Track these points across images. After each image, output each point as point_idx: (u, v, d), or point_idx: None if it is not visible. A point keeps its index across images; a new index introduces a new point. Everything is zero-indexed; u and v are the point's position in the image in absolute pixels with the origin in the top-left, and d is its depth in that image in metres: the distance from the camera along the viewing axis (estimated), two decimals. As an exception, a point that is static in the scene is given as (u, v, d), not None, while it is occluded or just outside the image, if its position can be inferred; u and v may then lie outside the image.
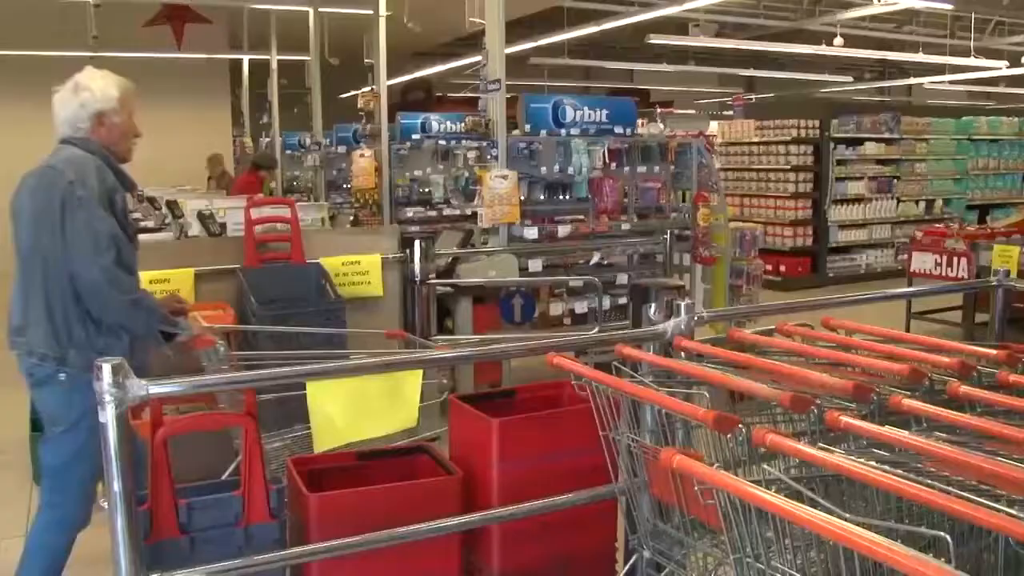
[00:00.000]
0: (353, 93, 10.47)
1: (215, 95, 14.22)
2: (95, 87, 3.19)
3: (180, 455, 2.57)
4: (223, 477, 3.00)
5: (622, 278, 6.61)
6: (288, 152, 13.39)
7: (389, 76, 8.94)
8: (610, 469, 2.42)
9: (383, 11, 8.61)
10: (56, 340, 3.02)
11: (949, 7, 12.46)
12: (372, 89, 8.74)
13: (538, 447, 2.79)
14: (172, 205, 5.78)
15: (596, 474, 2.51)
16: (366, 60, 9.07)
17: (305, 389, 2.47)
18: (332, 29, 10.99)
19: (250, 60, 14.17)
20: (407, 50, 15.85)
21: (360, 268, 4.93)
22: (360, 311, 4.82)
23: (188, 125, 13.08)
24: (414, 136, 9.65)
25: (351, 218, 8.47)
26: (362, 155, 8.68)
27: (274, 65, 12.79)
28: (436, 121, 9.94)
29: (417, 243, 5.05)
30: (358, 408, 2.55)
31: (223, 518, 2.50)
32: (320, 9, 10.48)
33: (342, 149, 10.92)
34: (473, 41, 7.41)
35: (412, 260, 5.03)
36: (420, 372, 2.58)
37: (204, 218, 5.11)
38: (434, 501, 2.62)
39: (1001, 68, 17.16)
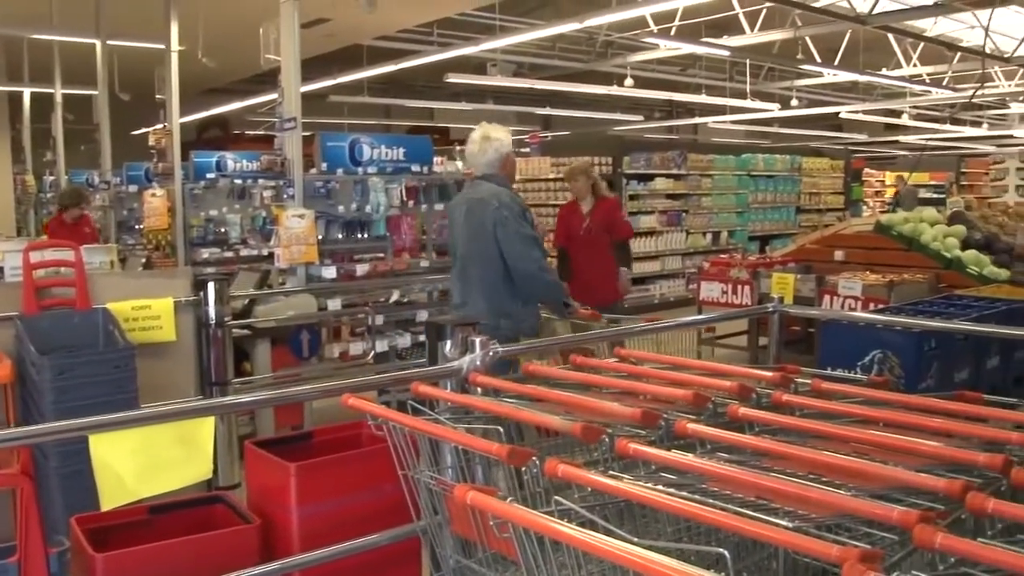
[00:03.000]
0: (145, 130, 10.09)
1: (-8, 129, 13.36)
2: (500, 136, 4.61)
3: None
4: None
5: (422, 315, 6.63)
6: (75, 191, 12.70)
7: (183, 113, 8.68)
8: (411, 508, 2.42)
9: (175, 46, 8.36)
10: (492, 311, 4.38)
11: (726, 53, 13.27)
12: (164, 126, 8.46)
13: (338, 490, 2.75)
14: (-59, 249, 5.37)
15: (399, 513, 2.49)
16: (158, 96, 8.76)
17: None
18: (122, 63, 10.56)
19: (32, 93, 13.40)
20: (202, 86, 15.44)
21: (151, 313, 4.72)
22: (152, 357, 4.61)
23: (-39, 161, 12.25)
24: (209, 175, 9.39)
25: (143, 260, 8.14)
26: (154, 195, 8.37)
27: (59, 99, 12.16)
28: (232, 160, 9.72)
29: (211, 285, 4.89)
30: (147, 461, 2.44)
31: (-4, 588, 2.34)
32: (108, 42, 10.03)
33: (133, 188, 10.46)
34: (270, 78, 7.31)
35: (206, 303, 4.88)
36: (212, 420, 2.49)
37: (-23, 263, 4.78)
38: (231, 552, 2.53)
39: (774, 110, 18.52)
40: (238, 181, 9.32)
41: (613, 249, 6.92)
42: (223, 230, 9.21)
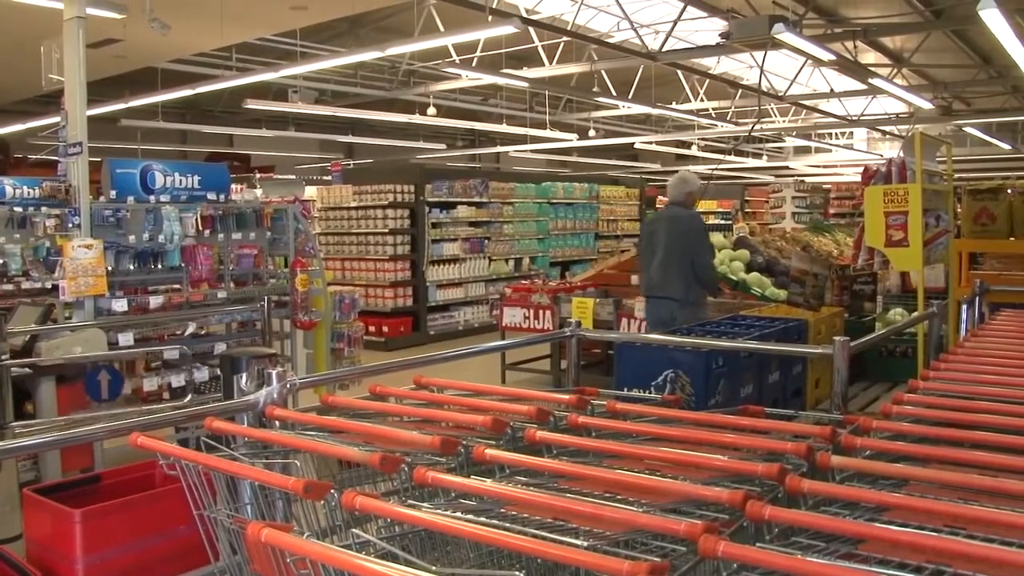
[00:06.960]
0: (-91, 154, 9.34)
1: None
2: (691, 180, 6.87)
3: None
4: None
5: (220, 347, 6.40)
6: None
7: (-47, 136, 8.10)
8: (208, 549, 2.32)
9: (-57, 64, 7.80)
10: (685, 290, 6.37)
11: (526, 85, 13.60)
12: (-69, 150, 7.86)
13: (128, 535, 2.62)
14: None
15: (196, 556, 2.39)
16: (-77, 117, 8.13)
17: None
18: None
19: None
20: (-23, 106, 14.47)
21: (-84, 352, 4.37)
22: (-83, 400, 4.27)
23: None
24: (-16, 202, 8.76)
25: (-92, 295, 7.50)
26: (-80, 223, 7.75)
27: None
28: (10, 185, 9.09)
29: (-15, 321, 4.57)
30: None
31: None
32: None
33: None
34: (56, 98, 6.88)
35: (-19, 340, 4.54)
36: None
37: None
38: (7, 608, 2.36)
39: (572, 140, 19.11)
40: (18, 209, 8.72)
41: None
42: (2, 261, 8.60)
